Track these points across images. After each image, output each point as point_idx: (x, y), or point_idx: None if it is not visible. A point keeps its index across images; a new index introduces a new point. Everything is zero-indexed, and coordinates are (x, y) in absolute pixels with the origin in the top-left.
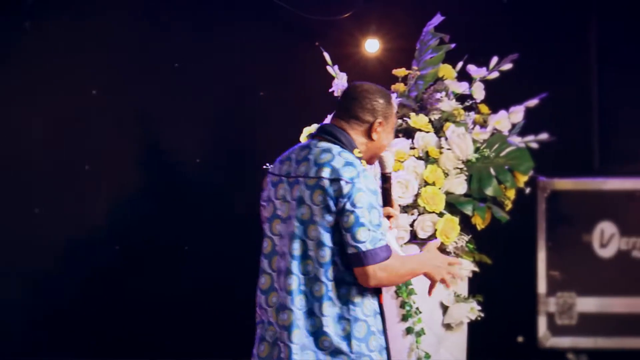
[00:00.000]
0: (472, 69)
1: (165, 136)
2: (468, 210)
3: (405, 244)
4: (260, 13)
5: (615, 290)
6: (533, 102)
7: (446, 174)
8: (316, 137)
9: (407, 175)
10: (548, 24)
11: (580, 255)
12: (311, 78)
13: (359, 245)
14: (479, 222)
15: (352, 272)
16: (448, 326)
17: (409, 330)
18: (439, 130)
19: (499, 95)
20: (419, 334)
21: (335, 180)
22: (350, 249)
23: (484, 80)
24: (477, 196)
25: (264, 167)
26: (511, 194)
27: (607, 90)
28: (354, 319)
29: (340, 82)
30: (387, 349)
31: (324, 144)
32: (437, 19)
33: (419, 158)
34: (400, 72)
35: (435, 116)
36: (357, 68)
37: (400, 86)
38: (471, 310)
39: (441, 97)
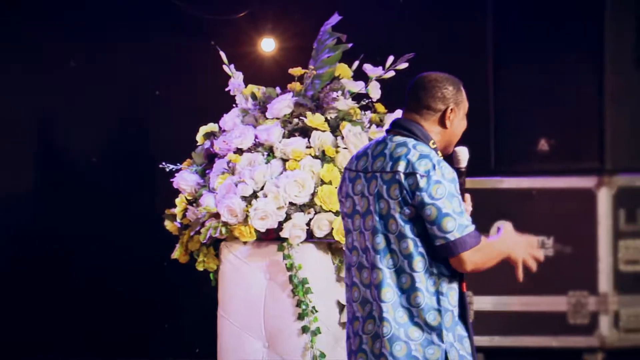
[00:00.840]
0: (368, 68)
1: (60, 135)
2: None
3: (301, 242)
4: (155, 12)
5: (511, 289)
6: None
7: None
8: (391, 132)
9: (304, 174)
10: (444, 24)
11: None
12: (207, 77)
13: (447, 235)
14: None
15: (438, 263)
16: (345, 325)
17: (304, 330)
18: (335, 129)
19: (396, 95)
20: (315, 333)
21: (411, 174)
22: (438, 241)
23: (380, 80)
24: None
25: (161, 166)
26: None
27: (502, 90)
28: (444, 309)
29: (236, 82)
30: (470, 337)
31: (399, 138)
32: (335, 18)
33: (315, 157)
34: (296, 71)
35: (331, 115)
36: (254, 67)
37: (296, 85)
38: None
39: (337, 96)
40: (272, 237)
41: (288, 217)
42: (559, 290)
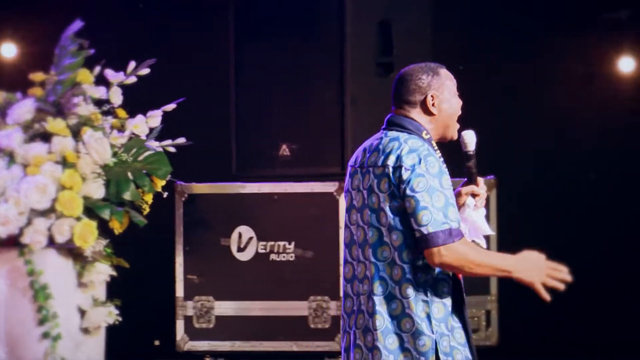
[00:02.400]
0: (109, 73)
1: None
2: (105, 214)
3: (42, 248)
4: None
5: (252, 294)
6: (170, 107)
7: (84, 179)
8: (386, 129)
9: (44, 179)
10: (186, 29)
11: (218, 259)
12: None
13: (422, 228)
14: (117, 226)
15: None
16: (86, 330)
17: (45, 335)
18: (76, 134)
19: (138, 100)
20: (56, 338)
21: (398, 167)
22: (416, 233)
23: (122, 85)
24: (115, 200)
25: None
26: (149, 198)
27: (244, 94)
28: (432, 300)
29: None
30: (465, 328)
31: (393, 133)
32: (77, 24)
33: (57, 162)
34: (37, 76)
35: (73, 121)
36: None
37: (37, 91)
38: (109, 314)
39: (79, 101)
40: (12, 242)
41: (29, 223)
42: (301, 295)
